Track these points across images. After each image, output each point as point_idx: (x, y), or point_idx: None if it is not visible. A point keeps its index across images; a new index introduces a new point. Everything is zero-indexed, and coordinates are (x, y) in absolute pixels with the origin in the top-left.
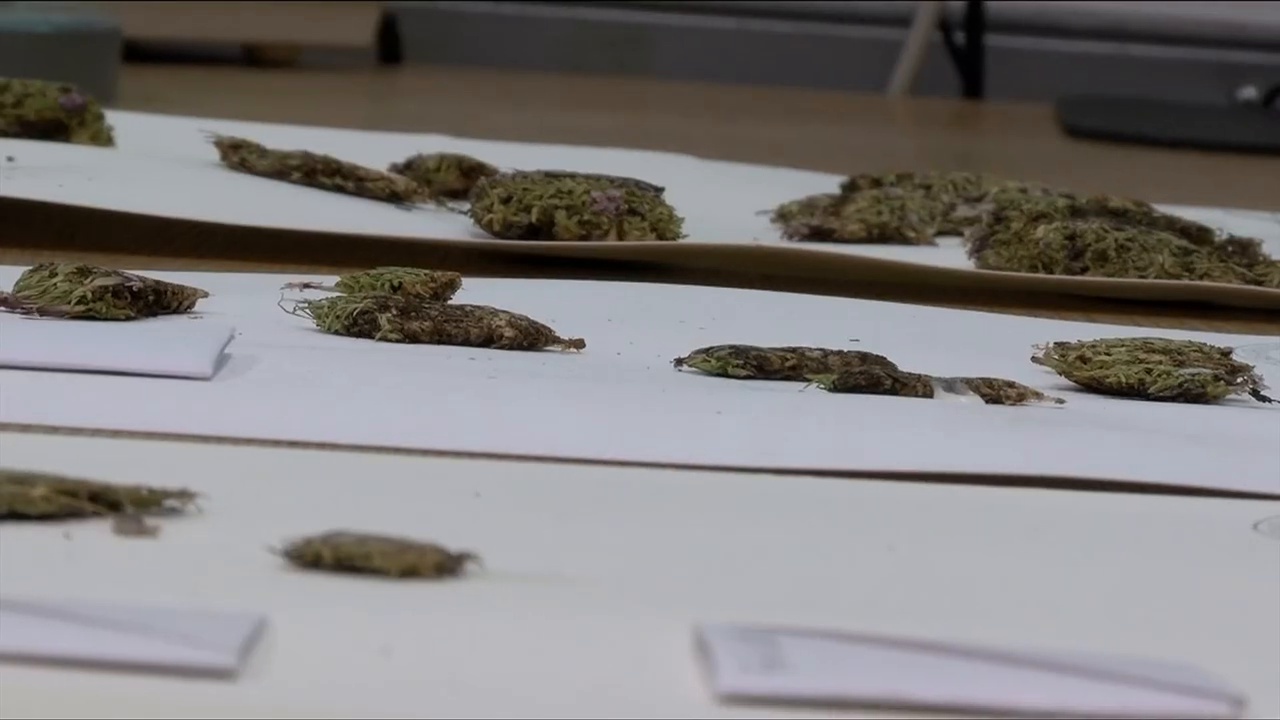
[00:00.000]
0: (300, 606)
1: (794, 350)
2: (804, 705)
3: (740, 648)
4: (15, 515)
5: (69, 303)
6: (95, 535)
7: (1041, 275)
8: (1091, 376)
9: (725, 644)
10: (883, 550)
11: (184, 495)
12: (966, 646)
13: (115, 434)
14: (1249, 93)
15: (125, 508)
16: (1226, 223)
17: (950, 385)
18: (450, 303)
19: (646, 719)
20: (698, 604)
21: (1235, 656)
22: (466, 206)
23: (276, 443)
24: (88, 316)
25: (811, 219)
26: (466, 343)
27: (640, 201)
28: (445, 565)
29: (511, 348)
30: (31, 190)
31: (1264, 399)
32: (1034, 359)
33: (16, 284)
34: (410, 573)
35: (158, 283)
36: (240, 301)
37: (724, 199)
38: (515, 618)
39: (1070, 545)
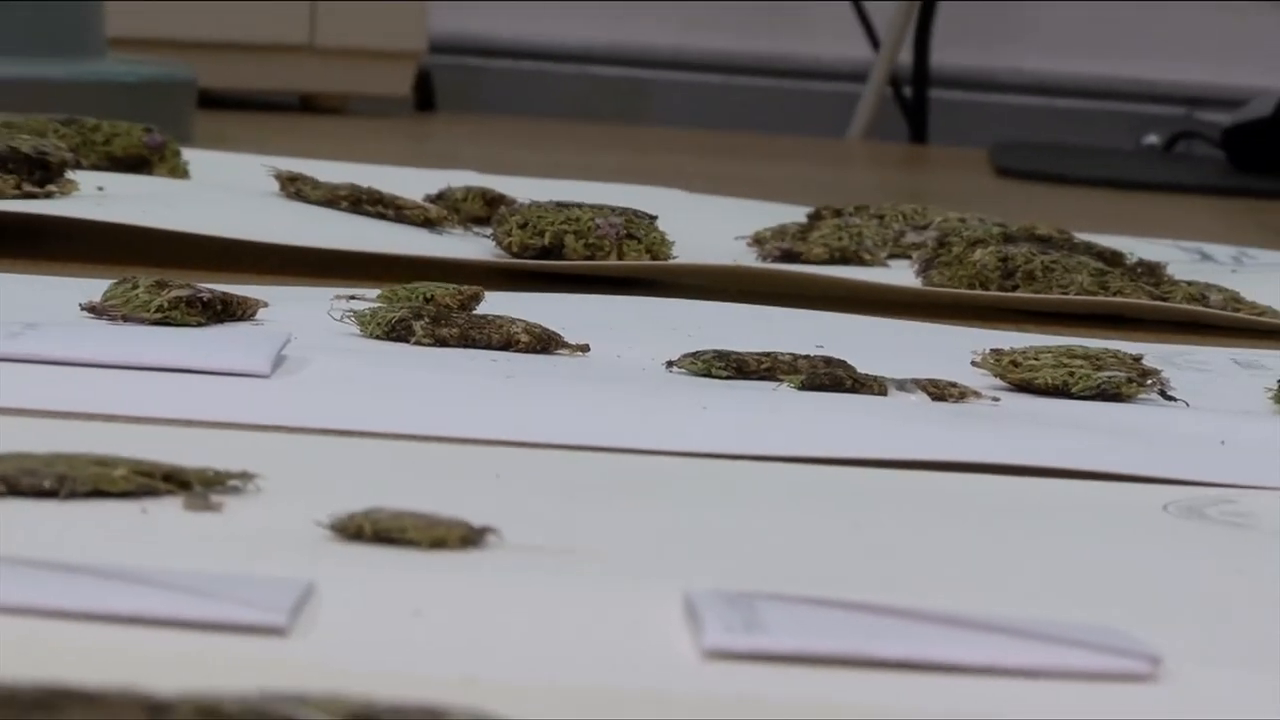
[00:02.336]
0: (343, 573)
1: (768, 354)
2: (779, 660)
3: (724, 611)
4: (99, 493)
5: (148, 311)
6: (167, 511)
7: (978, 292)
8: (1022, 378)
9: (711, 608)
10: (847, 527)
11: (244, 476)
12: (919, 610)
13: (186, 423)
14: (1152, 139)
15: (194, 487)
16: (1136, 248)
17: (902, 385)
18: (474, 313)
19: (641, 672)
20: (687, 573)
21: (1150, 621)
22: (489, 231)
23: (325, 431)
24: (164, 323)
25: (782, 243)
26: (488, 347)
27: (637, 227)
28: (469, 538)
29: (527, 351)
30: (118, 215)
31: (1170, 398)
32: (973, 363)
33: (104, 294)
34: (439, 544)
35: (224, 294)
36: (295, 311)
37: (708, 226)
38: (529, 585)
39: (1005, 523)
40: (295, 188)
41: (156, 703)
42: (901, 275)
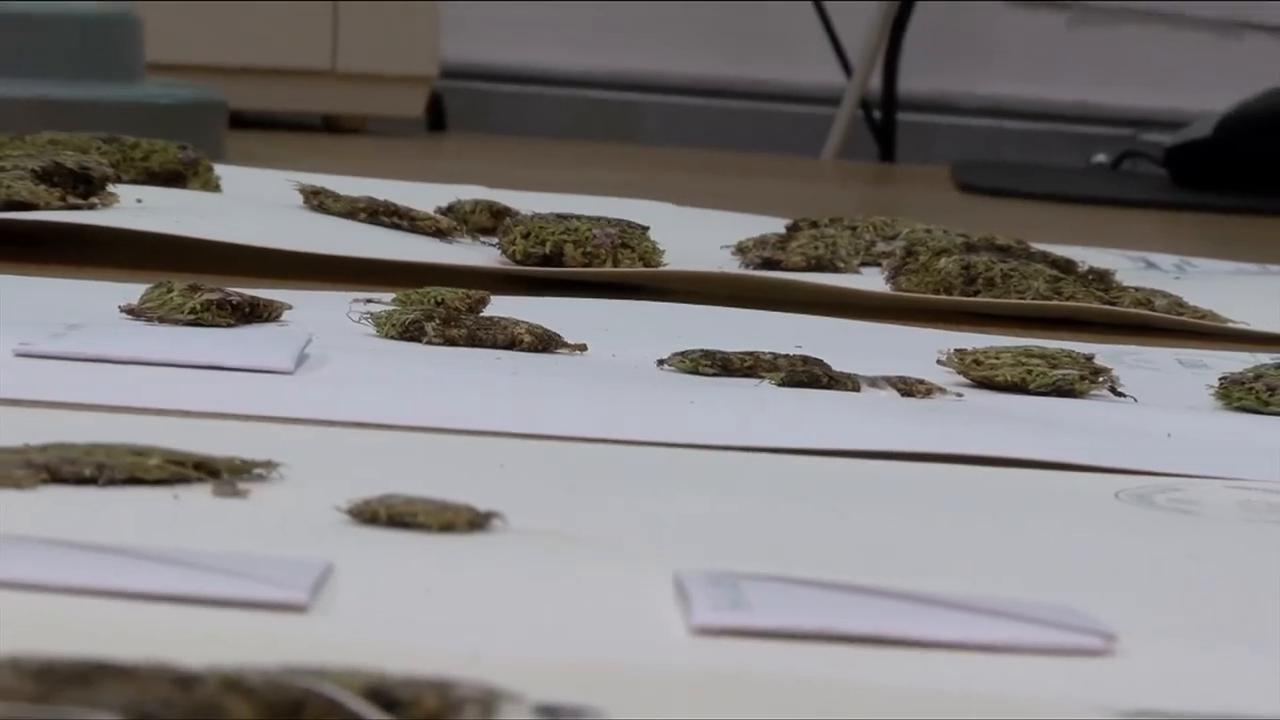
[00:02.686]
0: (360, 555)
1: (751, 354)
2: (762, 636)
3: (711, 591)
4: (134, 480)
5: (182, 313)
6: (198, 497)
7: (943, 297)
8: (984, 376)
9: (699, 587)
10: (824, 512)
11: (269, 465)
12: (891, 590)
13: (215, 416)
14: (1101, 158)
15: (222, 475)
16: (1086, 257)
17: (873, 382)
18: (481, 315)
19: (634, 647)
20: (677, 556)
21: (1104, 600)
22: (495, 240)
23: (343, 424)
24: (196, 324)
25: (763, 252)
26: (494, 346)
27: (631, 237)
28: (476, 522)
29: (529, 350)
30: (155, 225)
31: (1120, 394)
32: (938, 362)
33: (141, 298)
34: (448, 528)
35: (252, 298)
36: (316, 313)
37: (695, 236)
38: (531, 566)
39: (969, 509)
40: (318, 200)
41: (185, 676)
42: (872, 281)
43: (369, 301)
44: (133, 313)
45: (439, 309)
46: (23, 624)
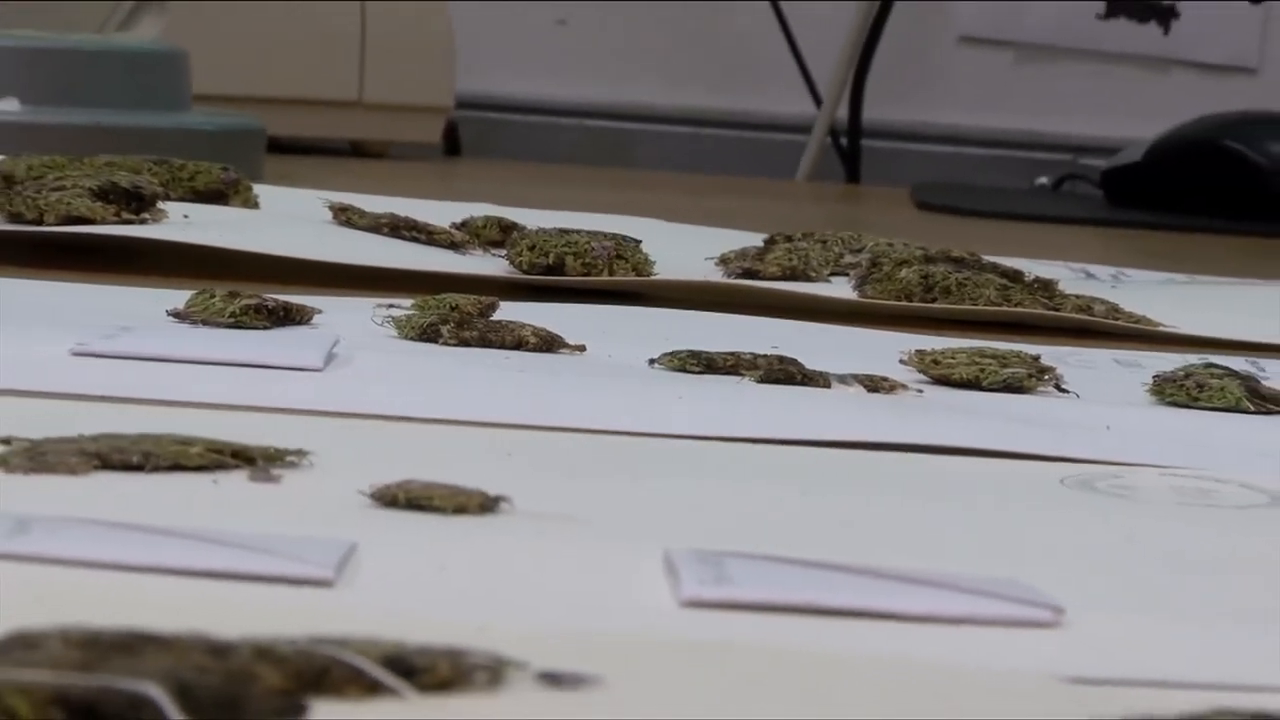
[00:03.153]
0: (381, 535)
1: (733, 354)
2: (744, 608)
3: (698, 567)
4: (178, 467)
5: (223, 316)
6: (235, 482)
7: (905, 303)
8: (941, 374)
9: (687, 564)
10: (799, 496)
11: (299, 453)
12: (862, 566)
13: (252, 409)
14: (1043, 180)
15: (257, 462)
16: (1032, 268)
17: (842, 379)
18: (491, 318)
19: (629, 618)
20: (666, 535)
21: (1052, 576)
22: (503, 253)
23: (367, 416)
24: (236, 326)
25: (743, 263)
26: (502, 346)
27: (625, 250)
28: (486, 505)
29: (534, 350)
30: (200, 238)
31: (1064, 391)
32: (901, 361)
33: (186, 303)
34: (461, 510)
35: (285, 303)
36: (343, 317)
37: (683, 249)
38: (536, 545)
39: (930, 494)
40: (345, 216)
41: (220, 645)
42: (841, 289)
43: (391, 306)
44: (179, 316)
45: (454, 313)
46: (72, 597)
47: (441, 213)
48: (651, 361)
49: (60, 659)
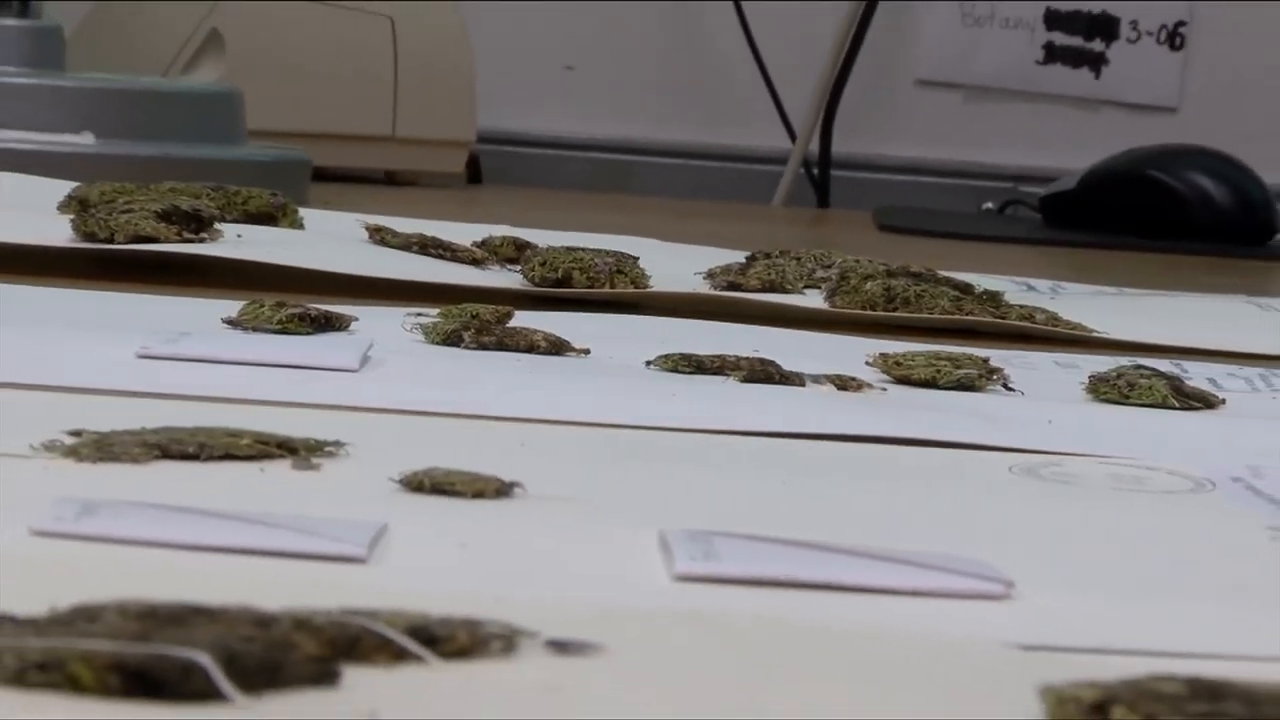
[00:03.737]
0: (408, 517)
1: (719, 356)
2: (729, 582)
3: (689, 545)
4: (229, 456)
5: (271, 323)
6: (280, 470)
7: (869, 312)
8: (902, 374)
9: (679, 543)
10: (779, 482)
11: (337, 444)
12: (834, 545)
13: (295, 405)
14: (989, 205)
15: (300, 452)
16: (981, 281)
17: (815, 379)
18: (507, 325)
19: (627, 591)
20: (662, 518)
21: (1002, 554)
22: (518, 268)
23: (397, 411)
24: (282, 332)
25: (728, 277)
26: (517, 350)
27: (624, 265)
28: (502, 490)
29: (544, 354)
30: (251, 254)
31: (1010, 389)
32: (866, 363)
33: (239, 312)
34: (479, 494)
35: (326, 312)
36: (377, 324)
37: (675, 265)
38: (546, 526)
39: (892, 479)
40: (379, 236)
41: (263, 617)
42: (814, 300)
43: (419, 315)
44: (232, 323)
45: (474, 321)
46: (131, 573)
47: (464, 233)
48: (648, 363)
49: (118, 629)
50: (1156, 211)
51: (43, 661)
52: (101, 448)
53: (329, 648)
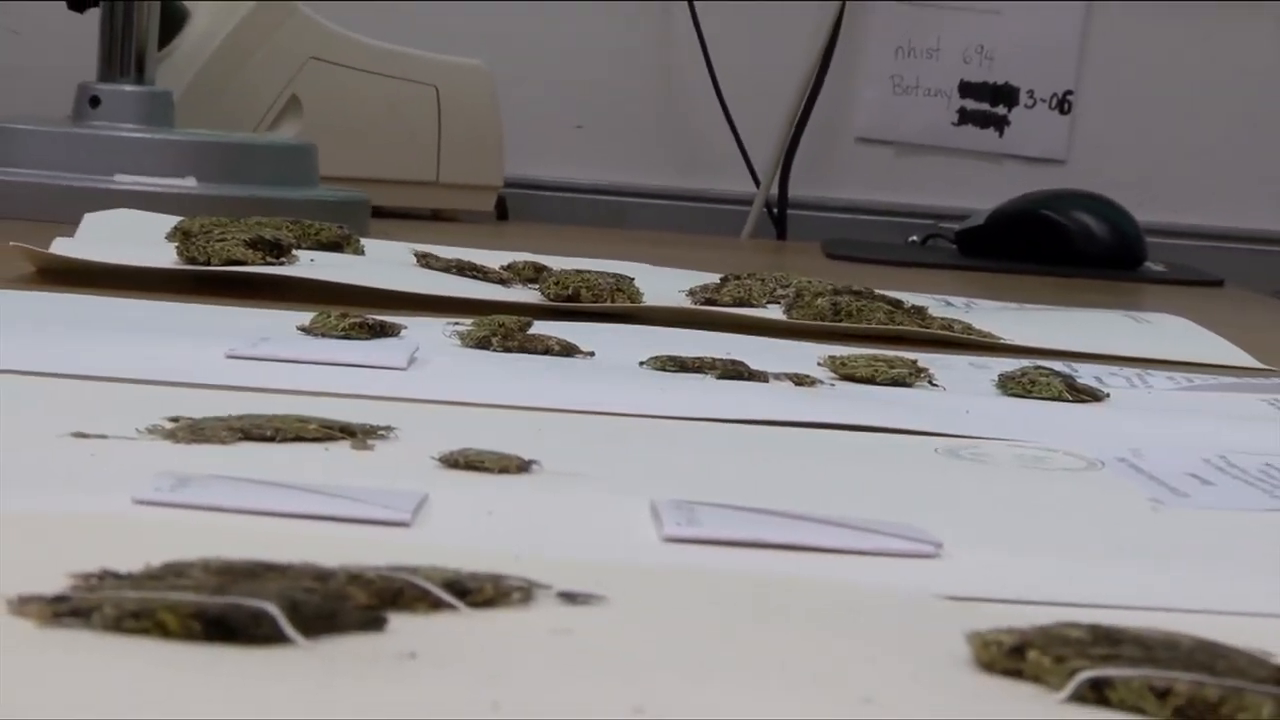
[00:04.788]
0: (445, 488)
1: (699, 358)
2: (709, 543)
3: (675, 513)
4: (299, 438)
5: (336, 331)
6: (341, 450)
7: (820, 323)
8: (847, 373)
9: (667, 510)
10: (749, 460)
11: (388, 429)
12: (794, 512)
13: (354, 396)
14: (914, 238)
15: (358, 435)
16: (909, 298)
17: (776, 377)
18: (527, 333)
19: (624, 550)
20: (653, 489)
21: (932, 520)
22: (537, 286)
23: (437, 402)
24: (345, 338)
25: (705, 294)
26: (535, 353)
27: (622, 285)
28: (522, 467)
29: (557, 355)
30: (321, 275)
31: (935, 385)
32: (818, 364)
33: (311, 321)
34: (504, 470)
35: (381, 321)
36: (422, 331)
37: (663, 284)
38: (558, 496)
39: (841, 458)
40: (425, 261)
41: (322, 572)
42: (774, 313)
43: (456, 324)
44: (304, 331)
45: (500, 329)
46: (215, 536)
47: (493, 259)
48: (641, 363)
49: (201, 583)
50: (1049, 243)
51: (137, 611)
52: (194, 431)
53: (377, 598)
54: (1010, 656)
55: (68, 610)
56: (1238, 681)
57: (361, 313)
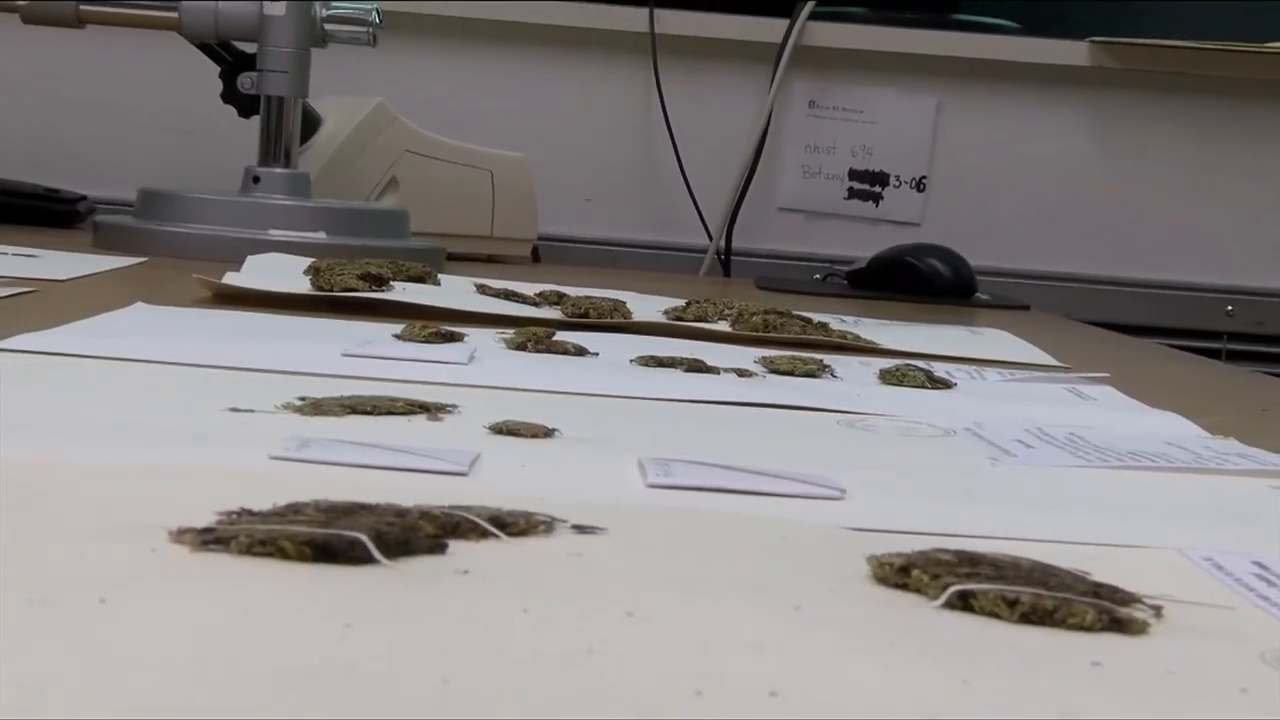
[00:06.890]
0: (492, 449)
1: (672, 357)
2: (682, 489)
3: (656, 466)
4: (390, 413)
5: (419, 338)
6: (419, 421)
7: (756, 333)
8: (776, 368)
9: (650, 465)
10: (710, 429)
11: (453, 406)
12: (745, 467)
13: (429, 383)
14: (818, 276)
15: (431, 410)
16: (818, 316)
17: (725, 371)
18: (553, 339)
19: (618, 494)
20: (638, 449)
21: (837, 473)
22: (559, 307)
23: (489, 388)
24: (425, 342)
25: (676, 313)
26: (557, 354)
27: (618, 306)
28: (547, 433)
29: (573, 356)
30: (410, 299)
31: (836, 377)
32: (755, 362)
33: (402, 330)
34: (535, 435)
35: (450, 330)
36: (478, 338)
37: (646, 306)
38: (572, 454)
39: (773, 429)
40: (482, 289)
41: (401, 510)
42: (724, 326)
43: (502, 333)
44: (397, 337)
45: (533, 336)
46: (326, 483)
47: (529, 288)
48: (631, 361)
49: (312, 519)
50: (910, 280)
51: (264, 539)
52: (316, 407)
53: (440, 529)
54: (899, 574)
55: (213, 539)
56: (1067, 595)
57: (436, 325)
